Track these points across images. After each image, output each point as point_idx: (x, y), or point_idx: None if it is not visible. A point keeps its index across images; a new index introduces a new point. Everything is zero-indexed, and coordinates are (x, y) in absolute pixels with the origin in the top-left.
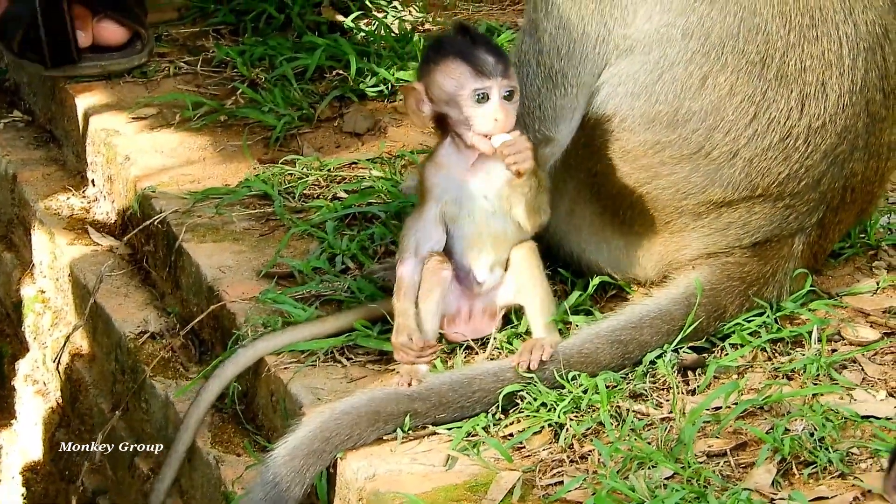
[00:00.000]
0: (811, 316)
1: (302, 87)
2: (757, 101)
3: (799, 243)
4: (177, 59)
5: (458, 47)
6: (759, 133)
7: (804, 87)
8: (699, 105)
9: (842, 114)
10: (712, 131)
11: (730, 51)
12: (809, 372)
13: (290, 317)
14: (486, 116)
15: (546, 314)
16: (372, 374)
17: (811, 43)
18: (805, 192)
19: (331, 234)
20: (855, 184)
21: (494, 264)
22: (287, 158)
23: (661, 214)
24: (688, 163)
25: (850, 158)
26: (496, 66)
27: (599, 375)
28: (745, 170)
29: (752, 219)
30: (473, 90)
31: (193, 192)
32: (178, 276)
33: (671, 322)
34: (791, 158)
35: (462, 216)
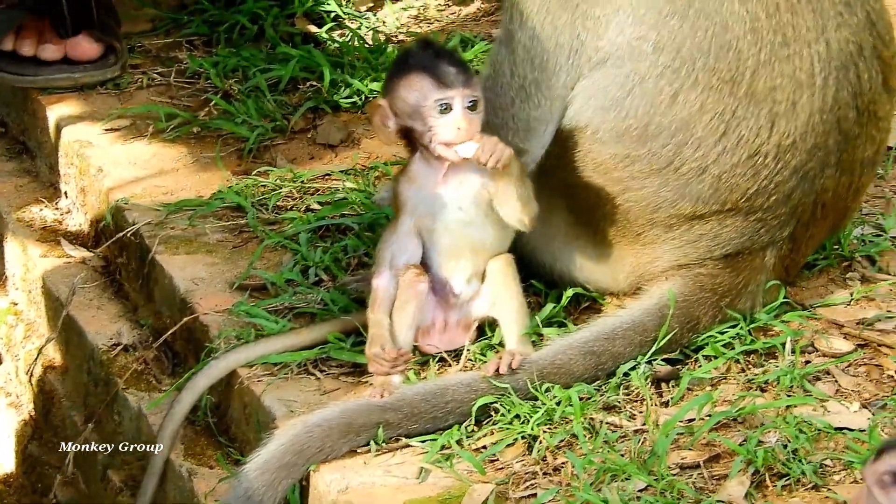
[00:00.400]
0: (785, 327)
1: (275, 98)
2: (727, 119)
3: (770, 256)
4: (150, 71)
5: (420, 61)
6: (727, 150)
7: (774, 105)
8: (668, 121)
9: (812, 132)
10: (681, 147)
11: (700, 67)
12: (783, 383)
13: (263, 329)
14: (448, 126)
15: (520, 327)
16: (345, 387)
17: (782, 62)
18: (775, 207)
19: (304, 246)
20: (826, 199)
21: (472, 276)
22: (260, 170)
23: (632, 226)
24: (657, 177)
25: (821, 175)
26: (458, 77)
27: (573, 387)
28: (714, 185)
29: (723, 231)
30: (436, 101)
31: (166, 203)
32: (151, 288)
33: (644, 333)
34: (760, 175)
35: (437, 229)
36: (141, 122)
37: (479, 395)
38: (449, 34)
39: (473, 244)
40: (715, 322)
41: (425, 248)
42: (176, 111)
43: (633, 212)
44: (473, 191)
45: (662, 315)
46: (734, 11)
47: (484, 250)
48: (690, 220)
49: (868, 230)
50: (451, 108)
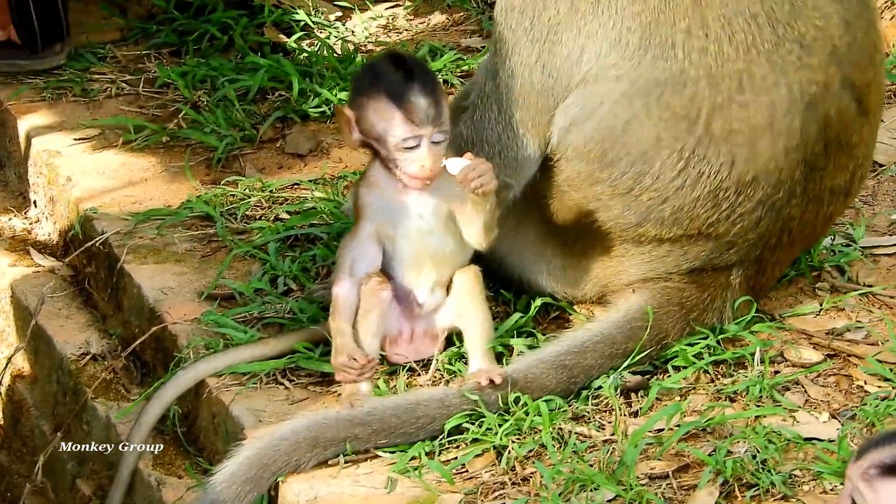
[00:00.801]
0: (753, 338)
1: (244, 107)
2: (686, 156)
3: (736, 275)
4: (119, 80)
5: (391, 86)
6: (688, 184)
7: (733, 147)
8: (625, 149)
9: (776, 169)
10: (641, 176)
11: (655, 100)
12: (752, 394)
13: (232, 339)
14: (413, 162)
15: (485, 341)
16: (314, 396)
17: (739, 107)
18: (743, 233)
19: (273, 255)
20: (793, 227)
21: (435, 285)
22: (229, 179)
23: (601, 242)
24: (620, 201)
25: (788, 205)
26: (428, 113)
27: (542, 398)
28: (675, 214)
29: (692, 250)
30: (403, 139)
31: (135, 213)
32: (120, 297)
33: (614, 346)
34: (720, 206)
35: (398, 236)
36: (110, 131)
37: (452, 411)
38: (418, 44)
39: (434, 254)
40: (684, 335)
41: (387, 257)
42: (144, 123)
43: (601, 229)
44: (434, 201)
45: (631, 328)
46: (691, 56)
47: (445, 260)
48: (658, 240)
49: (838, 240)
50: (419, 145)
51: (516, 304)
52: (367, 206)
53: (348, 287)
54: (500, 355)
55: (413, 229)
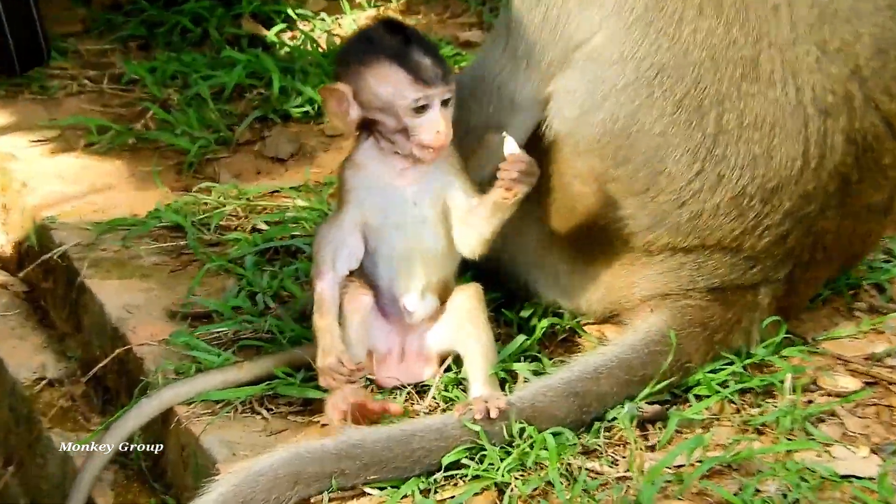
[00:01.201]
0: (784, 363)
1: (219, 107)
2: (701, 157)
3: (765, 295)
4: (81, 76)
5: (392, 49)
6: (706, 188)
7: (749, 144)
8: (636, 145)
9: (801, 177)
10: (656, 176)
11: (658, 86)
12: (782, 426)
13: (204, 362)
14: (427, 128)
15: (486, 365)
16: (295, 427)
17: (749, 97)
18: (769, 248)
19: (250, 269)
20: (827, 242)
21: (426, 290)
22: (202, 186)
23: (609, 245)
24: (635, 200)
25: (821, 218)
26: (436, 73)
27: (549, 429)
28: (693, 222)
29: (709, 263)
30: (414, 100)
31: (98, 222)
32: (80, 316)
33: (630, 371)
34: (746, 216)
35: (387, 227)
36: (71, 133)
37: (451, 444)
38: None
39: (426, 252)
40: (708, 359)
41: (371, 256)
42: (108, 123)
43: (610, 230)
44: (434, 188)
45: (650, 351)
46: (696, 35)
47: (436, 260)
48: (672, 250)
49: (877, 256)
50: (429, 107)
51: (520, 326)
52: (354, 189)
53: (331, 281)
54: (503, 382)
55: (408, 220)
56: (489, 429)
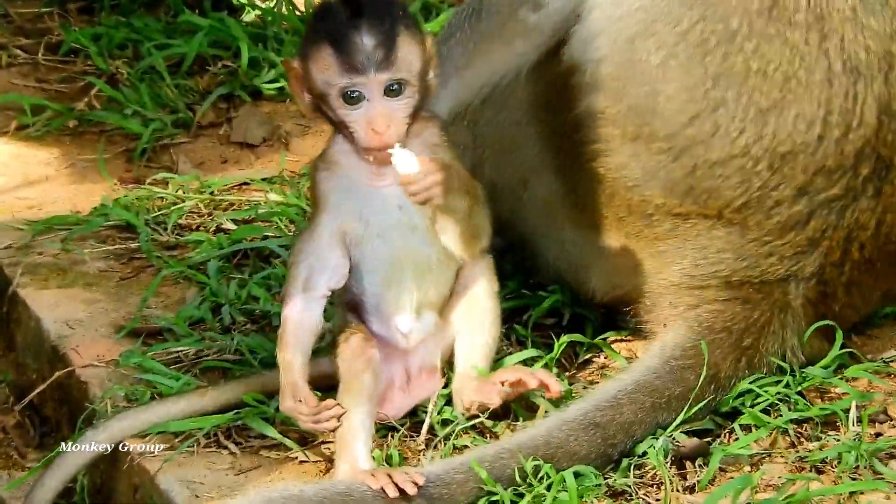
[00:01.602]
0: (848, 388)
1: (177, 82)
2: (697, 95)
3: (795, 294)
4: (11, 45)
5: (332, 25)
6: (701, 139)
7: (757, 95)
8: (636, 78)
9: (824, 149)
10: (649, 116)
11: (661, 15)
12: (846, 463)
13: (160, 387)
14: (360, 122)
15: (486, 350)
16: (268, 465)
17: (765, 41)
18: (783, 232)
19: (214, 277)
20: (866, 240)
21: (421, 306)
22: (157, 177)
23: (609, 202)
24: (629, 146)
25: (853, 207)
26: (373, 55)
27: (570, 468)
28: (689, 180)
29: (712, 244)
30: (340, 89)
31: (33, 221)
32: (12, 332)
33: (654, 394)
34: (750, 184)
35: (369, 237)
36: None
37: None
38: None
39: (417, 260)
40: (740, 369)
41: (356, 271)
42: (45, 102)
43: (608, 180)
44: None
45: (672, 368)
46: None
47: (430, 270)
48: (669, 216)
49: None
50: (366, 98)
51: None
52: (328, 193)
53: (300, 306)
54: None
55: (390, 225)
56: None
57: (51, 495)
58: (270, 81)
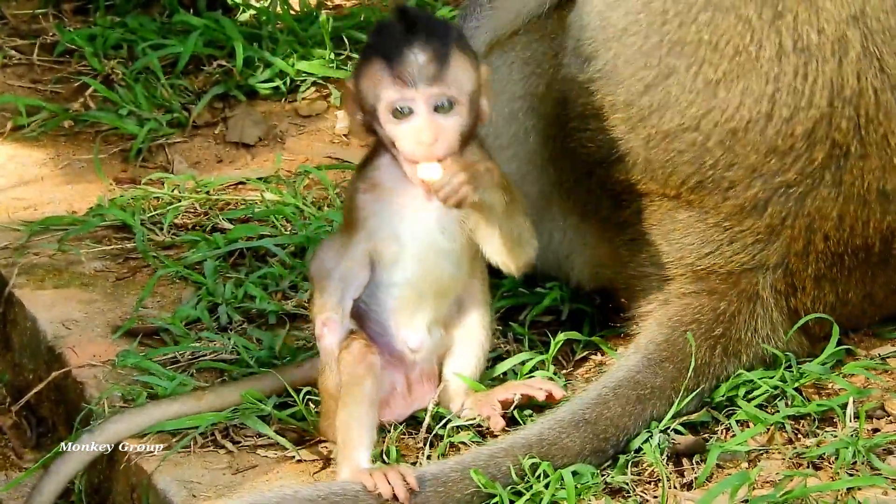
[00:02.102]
0: (845, 384)
1: (172, 82)
2: (650, 62)
3: (763, 284)
4: (6, 46)
5: (385, 41)
6: (655, 107)
7: (706, 66)
8: (603, 40)
9: (775, 129)
10: (612, 84)
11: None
12: (843, 459)
13: (157, 388)
14: (407, 137)
15: (480, 368)
16: (265, 464)
17: (719, 11)
18: (740, 216)
19: (210, 277)
20: (829, 231)
21: (433, 323)
22: (152, 177)
23: (587, 183)
24: (597, 115)
25: (812, 195)
26: (424, 70)
27: (567, 465)
28: (647, 153)
29: (675, 228)
30: (389, 102)
31: (29, 221)
32: (9, 332)
33: (638, 387)
34: (703, 162)
35: (404, 258)
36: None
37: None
38: None
39: (441, 283)
40: (716, 356)
41: (375, 283)
42: (40, 102)
43: (581, 158)
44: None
45: (649, 362)
46: None
47: (450, 291)
48: (635, 196)
49: None
50: (414, 112)
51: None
52: (369, 216)
53: (339, 331)
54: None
55: (429, 248)
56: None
57: (52, 496)
58: (265, 81)
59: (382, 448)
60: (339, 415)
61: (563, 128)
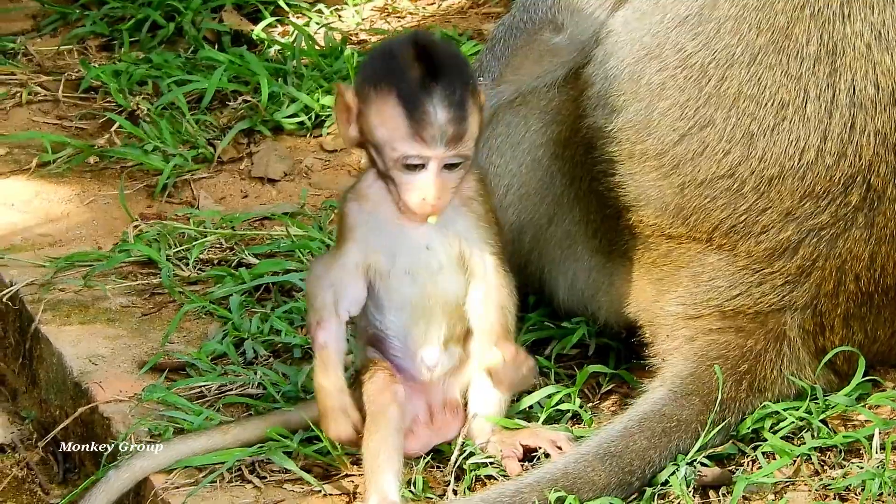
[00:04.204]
0: (871, 415)
1: (197, 118)
2: (688, 112)
3: (791, 324)
4: (31, 83)
5: (406, 85)
6: (690, 157)
7: (748, 118)
8: (637, 93)
9: (814, 174)
10: (645, 132)
11: (668, 42)
12: (869, 490)
13: (183, 423)
14: (413, 189)
15: (504, 404)
16: (292, 498)
17: (766, 69)
18: (772, 259)
19: (236, 312)
20: (860, 271)
21: (448, 340)
22: (178, 213)
23: (614, 225)
24: (624, 165)
25: (844, 236)
26: (445, 131)
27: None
28: (678, 200)
29: (704, 270)
30: (405, 156)
31: (55, 258)
32: (35, 369)
33: (664, 420)
34: (736, 207)
35: (397, 274)
36: (20, 150)
37: None
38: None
39: (445, 299)
40: (741, 391)
41: (378, 306)
42: (65, 138)
43: (609, 201)
44: (450, 232)
45: (675, 396)
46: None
47: (458, 307)
48: (664, 239)
49: None
50: (425, 168)
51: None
52: (357, 226)
53: (337, 330)
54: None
55: (417, 265)
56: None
57: None
58: (290, 116)
59: (412, 478)
60: (366, 444)
61: (590, 171)
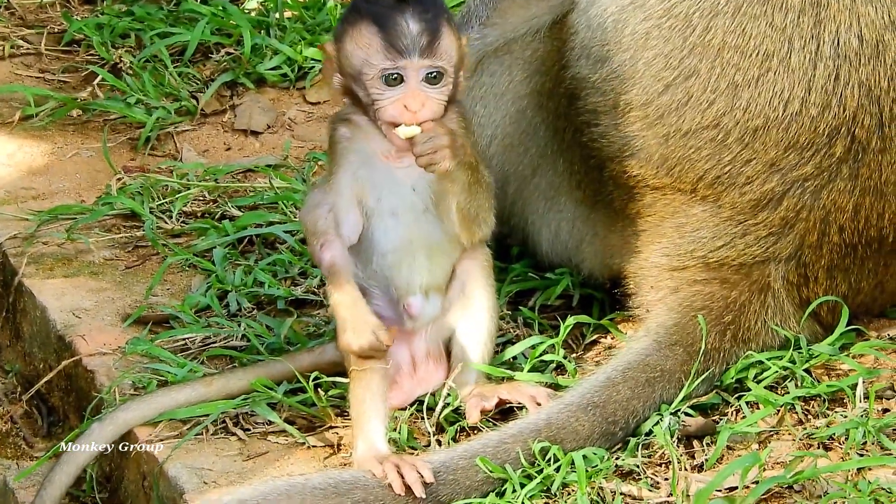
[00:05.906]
0: (855, 364)
1: (180, 70)
2: (672, 62)
3: (775, 276)
4: (13, 36)
5: (374, 6)
6: (674, 107)
7: (733, 69)
8: (622, 43)
9: (798, 126)
10: (629, 83)
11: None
12: (853, 439)
13: (167, 375)
14: (393, 102)
15: (485, 354)
16: (276, 450)
17: (751, 19)
18: (756, 210)
19: (219, 264)
20: (844, 223)
21: (430, 287)
22: (161, 165)
23: (598, 176)
24: (607, 116)
25: (828, 188)
26: (418, 40)
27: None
28: (663, 150)
29: (689, 221)
30: (381, 70)
31: (38, 211)
32: (19, 322)
33: (647, 370)
34: (721, 157)
35: (382, 213)
36: (2, 104)
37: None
38: None
39: (431, 243)
40: (725, 342)
41: (366, 253)
42: (48, 92)
43: (593, 152)
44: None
45: (659, 346)
46: None
47: (442, 253)
48: (648, 190)
49: None
50: (403, 79)
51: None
52: (347, 151)
53: (340, 247)
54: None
55: (404, 206)
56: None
57: (64, 486)
58: (273, 68)
59: (397, 427)
60: (352, 392)
61: (573, 122)
